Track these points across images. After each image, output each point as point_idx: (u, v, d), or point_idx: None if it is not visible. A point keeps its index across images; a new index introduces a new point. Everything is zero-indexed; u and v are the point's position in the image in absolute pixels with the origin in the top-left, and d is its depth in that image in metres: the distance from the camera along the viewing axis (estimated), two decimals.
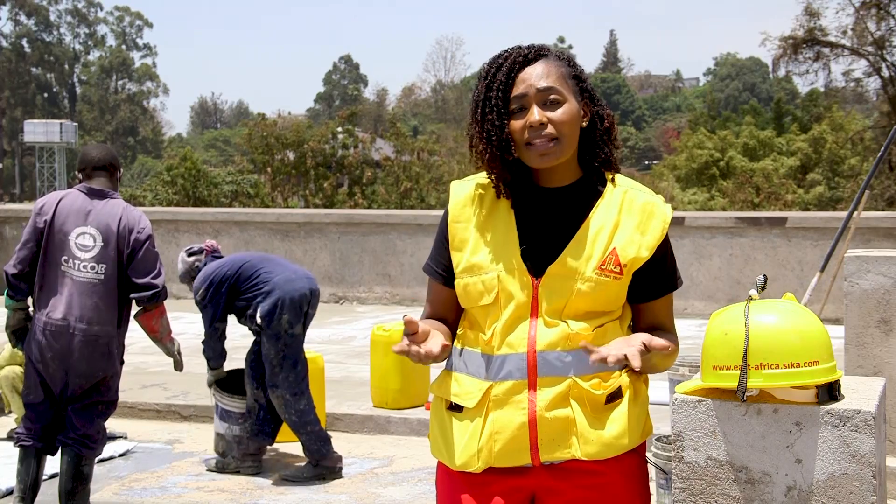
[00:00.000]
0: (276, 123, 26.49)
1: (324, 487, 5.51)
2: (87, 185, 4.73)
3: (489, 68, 2.25)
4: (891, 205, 24.70)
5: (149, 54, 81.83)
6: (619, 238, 2.22)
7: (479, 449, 2.21)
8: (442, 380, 2.35)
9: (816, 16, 29.76)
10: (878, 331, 4.82)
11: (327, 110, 77.11)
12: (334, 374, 7.42)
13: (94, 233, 4.61)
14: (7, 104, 69.54)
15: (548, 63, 2.23)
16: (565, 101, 2.20)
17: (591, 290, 2.19)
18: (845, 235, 5.99)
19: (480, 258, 2.24)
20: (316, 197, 25.23)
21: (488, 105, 2.22)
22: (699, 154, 33.54)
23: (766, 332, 2.17)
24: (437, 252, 2.35)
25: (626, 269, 2.21)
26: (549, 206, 2.26)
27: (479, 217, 2.27)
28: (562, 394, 2.17)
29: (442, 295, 2.35)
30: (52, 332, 4.55)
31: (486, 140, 2.22)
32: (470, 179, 2.34)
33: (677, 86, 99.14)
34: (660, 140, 68.50)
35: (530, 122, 2.18)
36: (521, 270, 2.20)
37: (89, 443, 4.69)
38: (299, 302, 5.51)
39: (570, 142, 2.21)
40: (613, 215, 2.24)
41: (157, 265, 4.70)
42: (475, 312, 2.27)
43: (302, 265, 12.41)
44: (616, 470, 2.23)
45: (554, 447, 2.18)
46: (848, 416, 2.14)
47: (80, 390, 4.63)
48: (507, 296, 2.20)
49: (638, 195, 2.27)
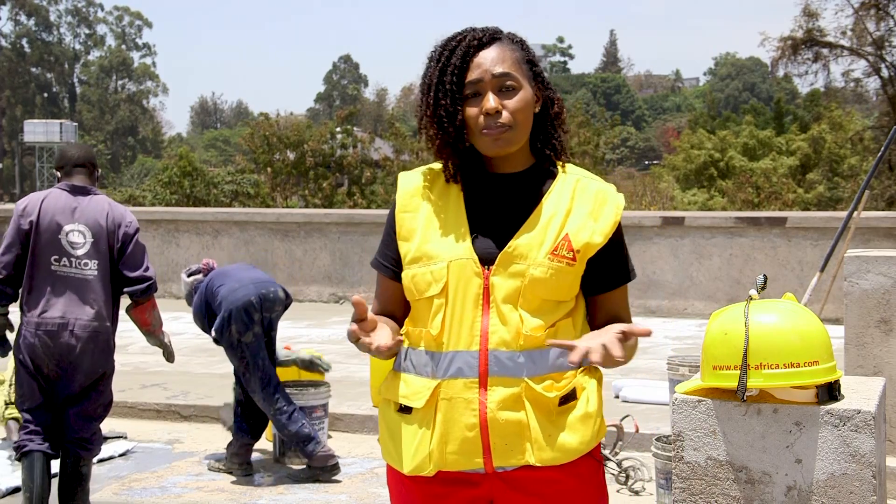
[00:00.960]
0: (277, 123, 26.50)
1: (324, 487, 5.51)
2: (67, 182, 4.68)
3: (442, 50, 2.18)
4: (891, 205, 24.70)
5: (148, 54, 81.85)
6: (572, 224, 2.16)
7: (430, 452, 2.13)
8: (389, 381, 2.26)
9: (815, 16, 29.77)
10: (878, 331, 4.82)
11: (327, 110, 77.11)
12: (334, 374, 7.41)
13: (84, 229, 4.57)
14: (7, 104, 69.54)
15: (502, 47, 2.18)
16: (521, 88, 2.16)
17: (544, 275, 2.11)
18: (845, 235, 5.98)
19: (429, 247, 2.16)
20: (315, 197, 25.23)
21: (441, 89, 2.15)
22: (697, 154, 33.53)
23: (766, 332, 2.17)
24: (384, 245, 2.28)
25: (580, 256, 2.15)
26: (501, 193, 2.20)
27: (428, 206, 2.21)
28: (514, 395, 2.10)
29: (391, 290, 2.27)
30: (48, 332, 4.49)
31: (439, 126, 2.16)
32: (417, 170, 2.29)
33: (677, 86, 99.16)
34: (660, 140, 68.49)
35: (486, 108, 2.12)
36: (471, 260, 2.13)
37: (87, 444, 4.67)
38: (244, 309, 5.45)
39: (524, 129, 2.17)
40: (566, 201, 2.18)
41: (145, 258, 4.70)
42: (423, 305, 2.18)
43: (302, 265, 12.45)
44: (572, 475, 2.16)
45: (507, 451, 2.11)
46: (848, 416, 2.14)
47: (79, 389, 4.59)
48: (457, 287, 2.12)
49: (591, 183, 2.23)
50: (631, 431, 6.03)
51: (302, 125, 27.46)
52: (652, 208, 23.77)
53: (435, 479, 2.16)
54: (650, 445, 5.01)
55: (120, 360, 8.62)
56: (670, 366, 6.05)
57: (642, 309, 11.20)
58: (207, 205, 24.50)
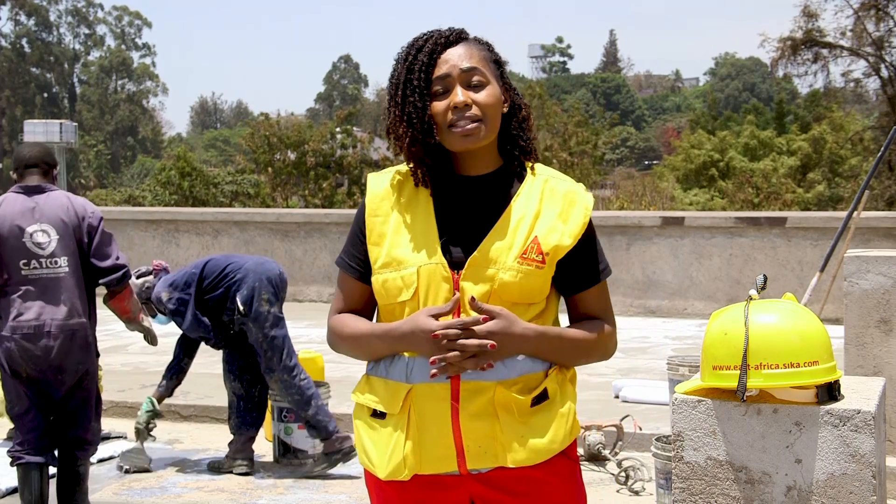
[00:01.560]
0: (278, 123, 26.50)
1: (324, 487, 5.51)
2: (21, 184, 4.59)
3: (409, 50, 2.19)
4: (891, 205, 24.69)
5: (148, 54, 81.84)
6: (541, 226, 2.16)
7: (405, 457, 2.13)
8: (362, 385, 2.26)
9: (815, 17, 29.73)
10: (878, 331, 4.82)
11: (327, 110, 77.13)
12: (334, 374, 7.41)
13: (48, 228, 4.48)
14: (7, 104, 69.54)
15: (469, 46, 2.19)
16: (488, 83, 2.16)
17: (514, 279, 2.11)
18: (845, 235, 5.99)
19: (399, 252, 2.16)
20: (316, 197, 25.24)
21: (409, 87, 2.15)
22: (696, 155, 33.53)
23: (766, 332, 2.17)
24: (352, 246, 2.27)
25: (549, 258, 2.15)
26: (469, 195, 2.20)
27: (398, 209, 2.21)
28: (486, 399, 2.10)
29: (356, 290, 2.27)
30: (25, 336, 4.42)
31: (408, 123, 2.15)
32: (387, 172, 2.28)
33: (677, 86, 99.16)
34: (660, 140, 68.49)
35: (455, 102, 2.13)
36: (440, 265, 2.13)
37: (83, 444, 4.65)
38: (276, 281, 5.56)
39: (493, 124, 2.16)
40: (535, 203, 2.18)
41: (114, 246, 4.65)
42: (393, 309, 2.18)
43: (302, 265, 12.46)
44: (549, 472, 2.18)
45: (480, 455, 2.12)
46: (848, 416, 2.14)
47: (64, 389, 4.53)
48: (427, 292, 2.12)
49: (559, 183, 2.23)
50: (631, 431, 6.03)
51: (303, 125, 27.46)
52: (652, 208, 23.76)
53: (411, 483, 2.16)
54: (650, 445, 5.01)
55: (120, 360, 8.64)
56: (670, 366, 6.05)
57: (642, 309, 11.20)
58: (207, 205, 24.50)
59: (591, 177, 28.55)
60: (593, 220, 2.26)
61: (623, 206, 23.69)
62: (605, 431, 5.86)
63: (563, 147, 28.01)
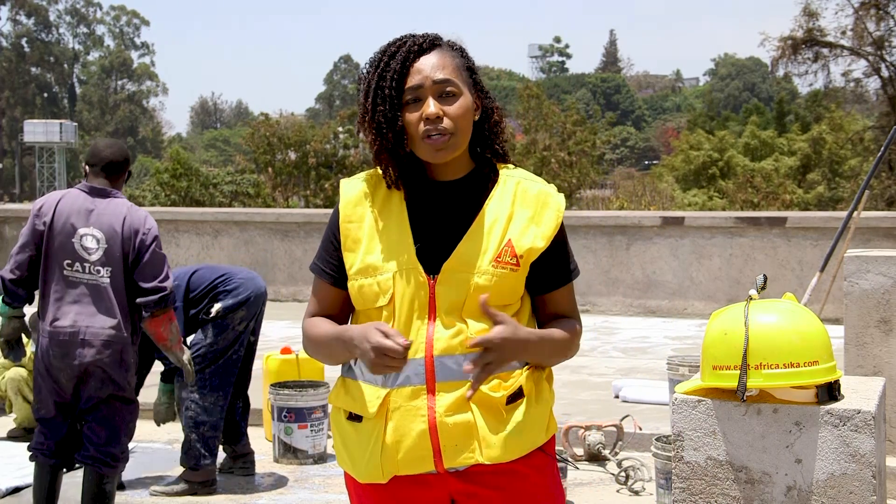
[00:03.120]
0: (278, 123, 26.51)
1: (324, 487, 5.51)
2: (88, 183, 4.48)
3: (381, 56, 2.18)
4: (891, 205, 24.69)
5: (146, 53, 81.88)
6: (514, 229, 2.18)
7: (382, 460, 2.15)
8: (338, 388, 2.28)
9: (815, 16, 29.75)
10: (878, 331, 4.82)
11: (327, 110, 77.14)
12: (334, 374, 7.42)
13: (98, 234, 4.35)
14: (7, 104, 69.54)
15: (443, 54, 2.18)
16: (461, 94, 2.16)
17: (489, 283, 2.14)
18: (845, 235, 5.98)
19: (374, 258, 2.18)
20: (317, 197, 25.24)
21: (380, 95, 2.15)
22: (695, 155, 33.53)
23: (766, 332, 2.17)
24: (325, 252, 2.28)
25: (523, 261, 2.17)
26: (443, 200, 2.21)
27: (372, 215, 2.21)
28: (461, 398, 2.12)
29: (331, 295, 2.28)
30: (60, 342, 4.30)
31: (377, 132, 2.16)
32: (359, 176, 2.28)
33: (677, 86, 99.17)
34: (660, 140, 68.50)
35: (427, 114, 2.12)
36: (416, 270, 2.14)
37: (111, 460, 4.46)
38: (258, 299, 5.45)
39: (464, 135, 2.17)
40: (507, 206, 2.20)
41: (164, 268, 4.44)
42: (370, 315, 2.20)
43: (302, 265, 12.45)
44: (526, 465, 2.19)
45: (457, 453, 2.14)
46: (848, 416, 2.14)
47: (95, 400, 4.40)
48: (403, 297, 2.14)
49: (531, 185, 2.23)
50: (631, 431, 6.03)
51: (303, 125, 27.47)
52: (652, 208, 23.76)
53: (390, 484, 2.19)
54: (650, 445, 5.01)
55: None
56: (670, 366, 6.05)
57: (642, 309, 11.20)
58: (205, 205, 24.50)
59: (590, 176, 28.55)
60: (594, 219, 2.28)
61: (623, 206, 23.68)
62: (605, 431, 5.86)
63: (561, 147, 28.00)
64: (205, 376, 5.31)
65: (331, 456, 6.06)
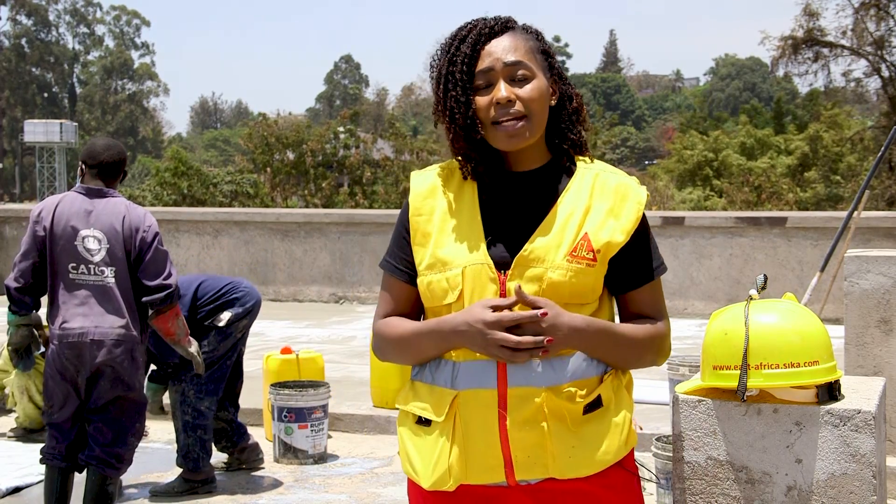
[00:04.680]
0: (276, 123, 26.49)
1: (324, 487, 5.51)
2: (84, 184, 4.48)
3: (452, 41, 2.09)
4: (891, 205, 24.70)
5: (147, 53, 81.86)
6: (591, 222, 2.06)
7: (450, 466, 2.03)
8: (407, 392, 2.18)
9: (815, 16, 29.77)
10: (878, 331, 4.82)
11: (328, 110, 77.16)
12: (334, 374, 7.42)
13: (99, 235, 4.35)
14: (7, 104, 69.52)
15: (515, 36, 2.08)
16: (534, 77, 2.05)
17: (563, 278, 2.01)
18: (845, 235, 5.99)
19: (444, 253, 2.07)
20: (315, 197, 25.23)
21: (451, 80, 2.06)
22: (689, 155, 33.52)
23: (766, 331, 2.17)
24: (397, 247, 2.17)
25: (601, 256, 2.05)
26: (516, 192, 2.10)
27: (442, 208, 2.11)
28: (535, 406, 1.99)
29: (404, 293, 2.17)
30: (71, 344, 4.30)
31: (450, 118, 2.06)
32: (431, 169, 2.19)
33: (677, 86, 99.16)
34: (660, 140, 68.52)
35: (497, 98, 2.03)
36: (486, 265, 2.03)
37: (115, 461, 4.47)
38: (259, 307, 5.59)
39: (539, 121, 2.06)
40: (585, 199, 2.08)
41: (167, 265, 4.45)
42: (439, 312, 2.09)
43: (302, 265, 12.47)
44: (600, 485, 2.07)
45: (529, 465, 2.01)
46: (848, 416, 2.14)
47: (104, 401, 4.41)
48: (473, 293, 2.03)
49: (610, 177, 2.12)
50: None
51: (301, 125, 27.45)
52: (652, 208, 23.77)
53: (456, 494, 2.08)
54: (650, 445, 5.01)
55: None
56: (670, 366, 6.05)
57: None
58: (205, 205, 24.49)
59: None
60: None
61: None
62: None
63: None
64: (202, 381, 5.35)
65: (331, 456, 6.07)
